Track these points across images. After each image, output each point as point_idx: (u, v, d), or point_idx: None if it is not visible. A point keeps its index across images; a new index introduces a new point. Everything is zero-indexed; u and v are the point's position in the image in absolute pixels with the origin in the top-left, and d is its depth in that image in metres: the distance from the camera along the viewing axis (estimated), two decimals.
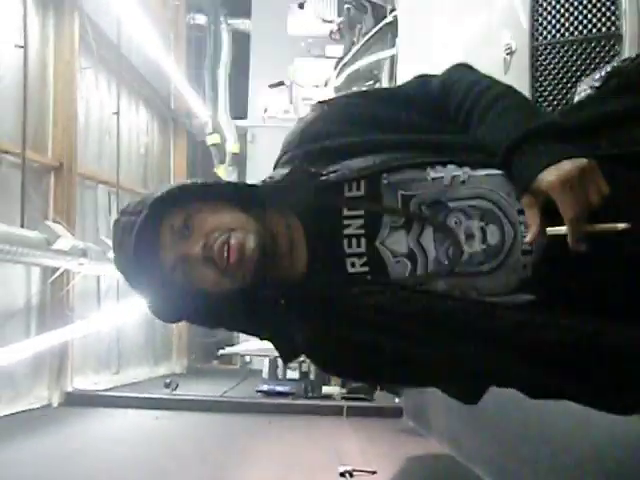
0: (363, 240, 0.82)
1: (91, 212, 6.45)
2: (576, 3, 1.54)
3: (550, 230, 0.74)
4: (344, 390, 6.70)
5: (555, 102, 1.63)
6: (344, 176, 0.82)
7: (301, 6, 9.90)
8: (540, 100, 1.66)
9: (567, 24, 1.55)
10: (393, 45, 4.74)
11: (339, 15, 7.43)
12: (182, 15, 10.79)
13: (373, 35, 4.70)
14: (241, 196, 0.88)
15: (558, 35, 1.55)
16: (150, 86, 8.40)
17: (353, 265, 0.82)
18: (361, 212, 0.82)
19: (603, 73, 1.01)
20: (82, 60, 6.10)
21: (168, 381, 6.89)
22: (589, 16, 1.51)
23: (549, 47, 1.57)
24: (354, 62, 5.94)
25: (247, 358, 11.26)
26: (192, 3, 11.18)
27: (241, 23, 11.72)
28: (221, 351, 8.30)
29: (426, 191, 0.80)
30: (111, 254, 4.42)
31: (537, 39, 1.58)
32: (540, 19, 1.55)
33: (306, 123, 0.89)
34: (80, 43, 5.98)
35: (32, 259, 4.49)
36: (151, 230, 0.84)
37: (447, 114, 0.86)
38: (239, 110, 11.08)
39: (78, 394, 5.45)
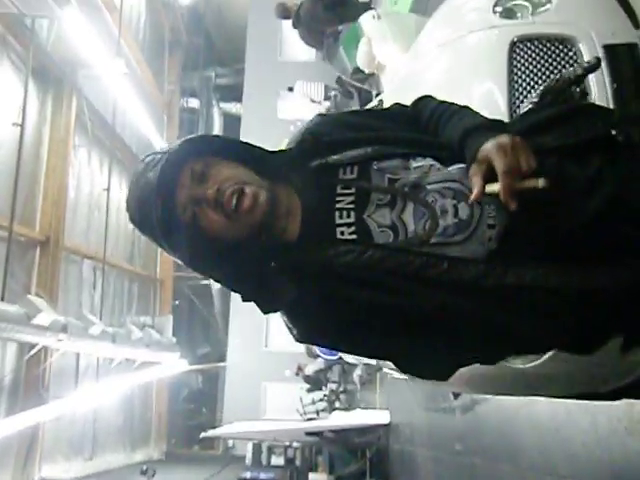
0: (352, 213, 0.93)
1: (75, 287, 6.35)
2: (544, 88, 1.57)
3: (487, 187, 0.87)
4: (331, 477, 6.34)
5: None
6: (339, 161, 0.94)
7: (290, 89, 10.44)
8: None
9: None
10: None
11: (325, 99, 7.74)
12: (176, 99, 11.29)
13: None
14: (254, 159, 0.97)
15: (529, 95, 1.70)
16: None
17: (342, 234, 0.93)
18: (352, 190, 0.94)
19: (538, 92, 1.20)
20: (76, 138, 6.27)
21: (145, 468, 6.48)
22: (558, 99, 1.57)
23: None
24: None
25: (230, 443, 10.70)
26: (186, 88, 11.74)
27: (232, 107, 12.28)
28: (203, 434, 7.91)
29: (408, 176, 0.94)
30: (93, 330, 4.27)
31: (513, 117, 1.70)
32: (516, 102, 1.70)
33: (308, 124, 1.02)
34: (76, 122, 6.17)
35: (10, 334, 4.34)
36: (175, 167, 0.91)
37: (419, 127, 1.03)
38: None
39: None
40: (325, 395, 8.67)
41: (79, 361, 6.14)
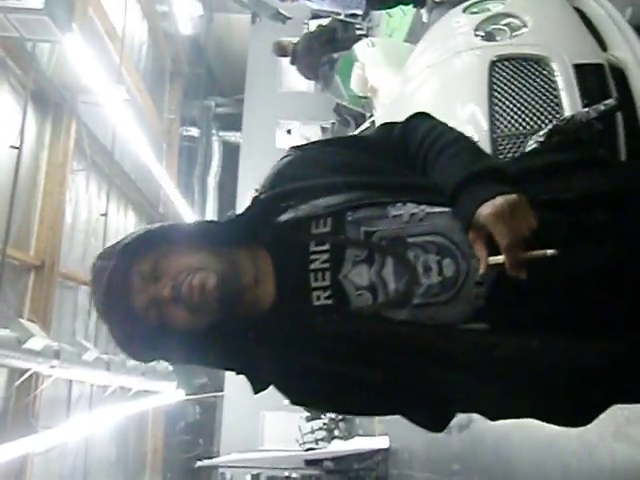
0: (328, 274, 0.86)
1: (70, 313, 6.24)
2: (521, 104, 1.86)
3: (491, 259, 0.81)
4: None
5: None
6: (311, 213, 0.87)
7: (289, 132, 10.63)
8: None
9: (519, 120, 1.87)
10: None
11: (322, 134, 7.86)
12: (176, 127, 11.38)
13: None
14: (207, 235, 0.92)
15: (512, 129, 1.85)
16: (140, 191, 8.60)
17: (318, 298, 0.87)
18: (327, 247, 0.87)
19: (546, 130, 1.16)
20: (75, 163, 6.26)
21: None
22: (537, 114, 1.83)
23: (506, 138, 1.86)
24: None
25: (228, 475, 10.40)
26: (186, 117, 11.85)
27: (232, 136, 12.38)
28: (199, 463, 7.69)
29: (387, 227, 0.86)
30: (87, 356, 4.16)
31: (495, 132, 1.87)
32: (496, 116, 1.87)
33: (280, 166, 0.95)
34: (75, 147, 6.17)
35: (0, 359, 4.22)
36: (121, 276, 0.88)
37: (406, 158, 0.94)
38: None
39: None
40: (324, 423, 8.51)
41: (71, 389, 5.97)
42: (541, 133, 1.17)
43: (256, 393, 0.92)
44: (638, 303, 0.84)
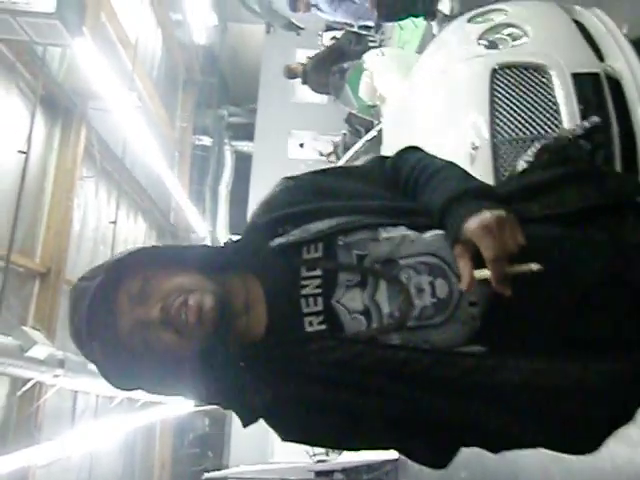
0: (320, 299, 0.84)
1: None
2: (521, 110, 1.93)
3: (476, 273, 0.80)
4: None
5: None
6: (302, 238, 0.86)
7: (301, 145, 10.63)
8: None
9: (519, 125, 1.93)
10: (379, 153, 4.84)
11: (335, 147, 7.84)
12: (188, 136, 11.36)
13: (361, 146, 4.84)
14: (198, 259, 0.90)
15: (512, 134, 1.91)
16: (151, 199, 8.54)
17: (311, 324, 0.84)
18: (318, 273, 0.85)
19: (535, 150, 1.17)
20: (84, 170, 6.20)
21: None
22: (536, 119, 1.89)
23: (506, 143, 1.92)
24: None
25: None
26: (198, 125, 11.85)
27: (244, 145, 12.35)
28: (206, 475, 7.57)
29: (378, 250, 0.85)
30: (92, 365, 4.05)
31: (496, 137, 1.93)
32: (497, 121, 1.94)
33: (272, 194, 0.94)
34: (84, 154, 6.11)
35: (1, 368, 4.11)
36: (107, 296, 0.84)
37: (397, 186, 0.94)
38: (238, 227, 11.23)
39: None
40: None
41: (77, 400, 5.85)
42: (529, 152, 1.19)
43: (245, 427, 0.88)
44: (635, 320, 0.83)
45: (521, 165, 1.22)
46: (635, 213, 0.91)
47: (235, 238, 0.93)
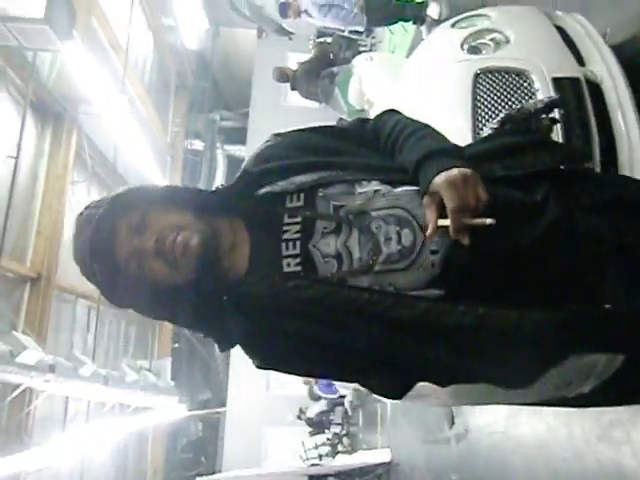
0: (298, 243, 0.94)
1: (67, 327, 6.12)
2: (505, 111, 1.90)
3: (439, 221, 0.90)
4: None
5: None
6: (286, 189, 0.96)
7: None
8: None
9: None
10: None
11: None
12: (181, 140, 11.35)
13: None
14: (192, 200, 0.99)
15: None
16: None
17: (288, 265, 0.94)
18: (298, 220, 0.95)
19: (499, 118, 1.27)
20: (75, 174, 6.18)
21: None
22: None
23: None
24: None
25: None
26: (191, 129, 11.84)
27: (237, 149, 12.35)
28: (198, 478, 7.53)
29: (353, 202, 0.95)
30: (83, 370, 4.03)
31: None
32: (479, 125, 1.95)
33: (261, 148, 1.03)
34: (75, 158, 6.11)
35: None
36: (108, 224, 0.93)
37: (377, 146, 1.04)
38: None
39: None
40: (328, 439, 8.39)
41: (68, 406, 5.82)
42: (494, 121, 1.29)
43: (222, 351, 1.01)
44: (573, 275, 0.93)
45: (486, 132, 1.34)
46: (581, 179, 1.04)
47: (226, 184, 1.03)
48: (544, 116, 1.20)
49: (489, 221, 0.88)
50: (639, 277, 0.94)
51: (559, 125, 1.77)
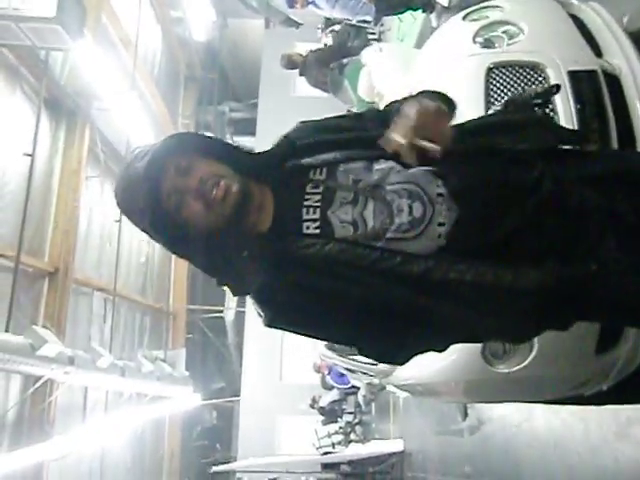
0: (318, 210, 1.03)
1: (85, 319, 6.26)
2: (509, 98, 1.90)
3: (392, 135, 0.98)
4: None
5: None
6: (311, 163, 1.06)
7: None
8: None
9: None
10: None
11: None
12: None
13: None
14: (234, 158, 1.08)
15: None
16: None
17: (307, 228, 1.03)
18: (320, 190, 1.04)
19: (503, 102, 1.35)
20: (89, 169, 6.28)
21: None
22: None
23: None
24: None
25: None
26: (201, 121, 11.90)
27: (246, 140, 12.38)
28: (214, 468, 7.68)
29: (370, 177, 1.04)
30: (101, 362, 4.12)
31: None
32: None
33: (290, 131, 1.13)
34: (89, 154, 6.20)
35: (13, 366, 4.22)
36: (162, 158, 1.02)
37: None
38: None
39: None
40: (340, 427, 8.46)
41: (87, 396, 5.97)
42: (498, 104, 1.38)
43: (234, 295, 1.10)
44: (566, 241, 1.00)
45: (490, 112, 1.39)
46: (574, 157, 1.12)
47: (265, 150, 1.12)
48: (540, 107, 1.27)
49: (437, 148, 0.94)
50: (629, 243, 1.02)
51: (576, 121, 1.72)
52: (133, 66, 7.20)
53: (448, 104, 1.08)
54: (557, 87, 1.52)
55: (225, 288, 1.10)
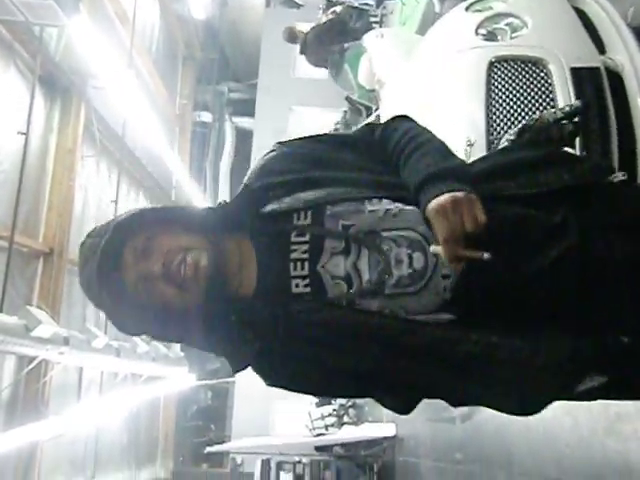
0: (306, 264, 0.92)
1: (79, 300, 6.23)
2: (517, 105, 1.89)
3: (431, 248, 0.88)
4: None
5: None
6: (293, 206, 0.93)
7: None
8: None
9: (515, 122, 1.87)
10: None
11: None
12: (189, 112, 11.28)
13: None
14: (196, 220, 0.98)
15: (508, 130, 1.80)
16: (152, 177, 8.55)
17: (297, 286, 0.92)
18: (306, 239, 0.92)
19: (517, 129, 1.21)
20: (84, 149, 6.20)
21: None
22: (532, 115, 1.78)
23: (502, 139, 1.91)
24: None
25: (238, 460, 10.49)
26: (199, 101, 11.75)
27: (245, 121, 12.25)
28: (208, 448, 7.75)
29: (363, 221, 0.92)
30: (96, 343, 4.10)
31: (492, 134, 1.88)
32: (493, 117, 1.89)
33: (265, 160, 1.00)
34: (84, 133, 6.11)
35: (7, 347, 4.21)
36: (114, 250, 0.92)
37: (384, 156, 1.01)
38: None
39: None
40: (334, 410, 8.54)
41: (82, 376, 5.99)
42: (512, 132, 1.21)
43: (234, 372, 0.99)
44: (589, 303, 0.89)
45: (503, 143, 1.29)
46: (600, 197, 0.97)
47: (228, 200, 1.00)
48: (566, 124, 1.15)
49: (486, 256, 0.83)
50: None
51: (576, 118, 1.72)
52: (130, 43, 7.07)
53: (457, 173, 0.92)
54: (579, 109, 1.35)
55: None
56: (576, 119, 1.29)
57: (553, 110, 1.47)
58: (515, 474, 3.00)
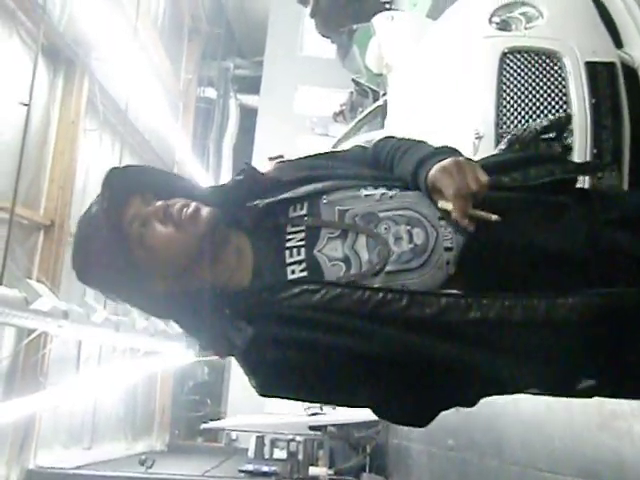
0: (303, 250, 0.91)
1: None
2: (529, 99, 1.84)
3: (440, 203, 0.89)
4: (331, 471, 6.28)
5: None
6: (289, 197, 0.94)
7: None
8: None
9: (526, 116, 1.82)
10: (382, 127, 4.76)
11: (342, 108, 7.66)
12: (193, 88, 11.15)
13: (365, 116, 4.75)
14: (201, 194, 0.97)
15: (519, 125, 1.80)
16: (154, 151, 8.49)
17: (293, 272, 0.91)
18: (302, 227, 0.92)
19: (507, 140, 1.28)
20: (87, 122, 6.14)
21: (143, 458, 6.38)
22: (544, 111, 1.79)
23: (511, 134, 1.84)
24: (347, 140, 5.99)
25: (233, 435, 10.65)
26: (204, 77, 11.62)
27: (250, 99, 12.13)
28: (204, 425, 7.86)
29: (360, 205, 0.92)
30: (95, 317, 4.08)
31: (501, 128, 1.84)
32: (503, 110, 1.85)
33: (268, 172, 1.03)
34: (87, 105, 6.05)
35: (7, 319, 4.22)
36: (122, 196, 0.91)
37: (378, 167, 1.03)
38: None
39: (40, 472, 4.96)
40: None
41: (80, 349, 6.03)
42: (502, 143, 1.28)
43: (222, 358, 1.00)
44: (590, 274, 0.88)
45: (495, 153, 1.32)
46: (602, 197, 1.00)
47: (228, 182, 1.01)
48: (554, 141, 1.22)
49: (495, 217, 0.84)
50: None
51: (589, 116, 1.68)
52: (136, 15, 6.95)
53: (450, 151, 0.96)
54: (567, 118, 1.43)
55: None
56: (560, 130, 1.31)
57: (540, 120, 1.50)
58: (506, 463, 3.02)
